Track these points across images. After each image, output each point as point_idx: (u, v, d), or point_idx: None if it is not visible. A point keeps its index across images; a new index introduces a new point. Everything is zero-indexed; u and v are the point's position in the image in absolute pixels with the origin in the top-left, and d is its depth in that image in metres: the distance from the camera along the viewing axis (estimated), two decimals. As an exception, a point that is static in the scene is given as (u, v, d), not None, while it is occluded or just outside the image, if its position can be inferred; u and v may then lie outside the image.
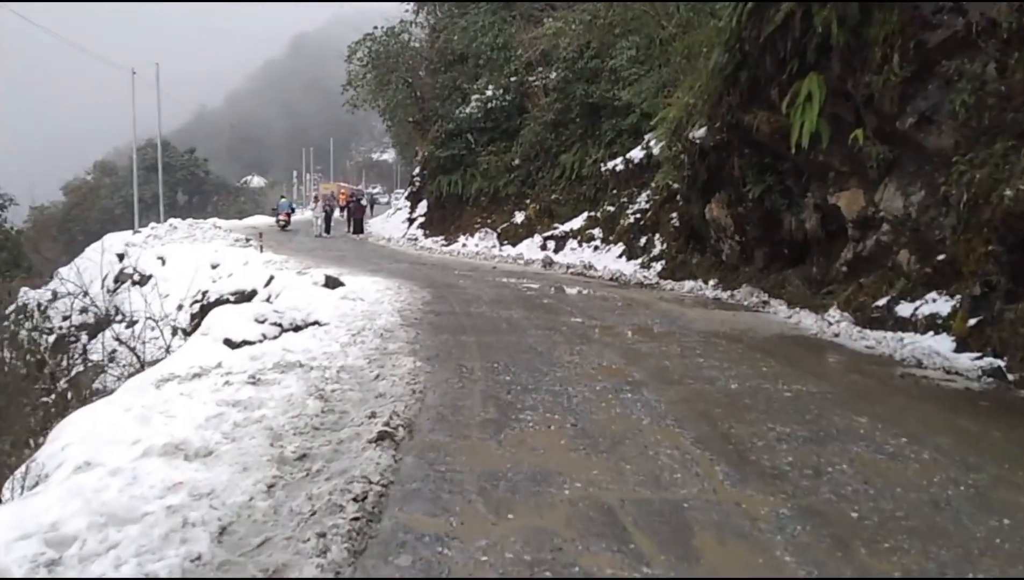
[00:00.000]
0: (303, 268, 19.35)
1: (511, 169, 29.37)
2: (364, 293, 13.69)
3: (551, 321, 11.66)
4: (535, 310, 12.91)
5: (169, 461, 4.96)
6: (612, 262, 21.90)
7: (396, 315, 11.47)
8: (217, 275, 22.08)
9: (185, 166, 62.22)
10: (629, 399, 6.99)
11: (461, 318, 11.73)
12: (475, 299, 14.14)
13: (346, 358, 8.21)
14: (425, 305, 12.98)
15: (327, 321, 10.38)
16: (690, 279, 17.70)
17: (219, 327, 9.80)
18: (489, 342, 9.69)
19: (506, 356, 8.79)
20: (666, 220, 20.96)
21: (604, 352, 9.25)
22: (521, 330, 10.73)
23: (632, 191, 24.00)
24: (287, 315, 10.31)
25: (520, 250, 25.82)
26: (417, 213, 35.80)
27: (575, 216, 25.84)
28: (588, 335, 10.51)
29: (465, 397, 6.93)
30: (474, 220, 30.01)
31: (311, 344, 8.91)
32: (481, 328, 10.81)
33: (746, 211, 15.89)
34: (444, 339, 9.78)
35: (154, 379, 7.55)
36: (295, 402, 6.41)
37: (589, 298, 14.97)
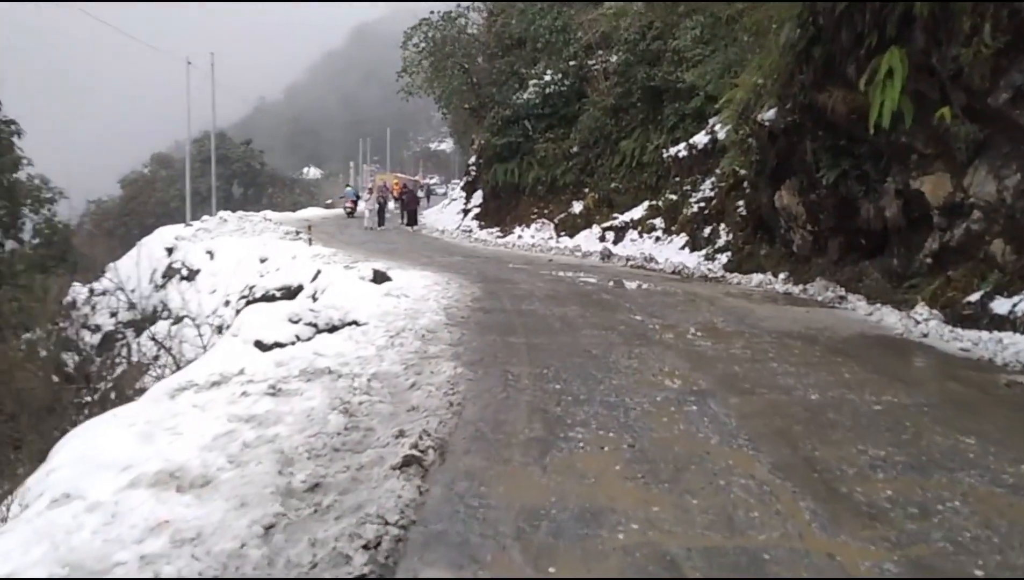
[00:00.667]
0: (351, 262, 18.85)
1: (569, 157, 28.57)
2: (410, 289, 13.07)
3: (608, 319, 10.89)
4: (591, 307, 12.15)
5: (159, 493, 4.34)
6: (674, 254, 21.03)
7: (441, 313, 10.81)
8: (265, 269, 21.78)
9: (241, 158, 62.37)
10: (694, 413, 6.20)
11: (511, 316, 11.02)
12: (527, 295, 13.42)
13: (380, 363, 7.56)
14: (473, 302, 12.30)
15: (366, 321, 9.76)
16: (758, 272, 16.76)
17: (250, 328, 9.26)
18: (539, 344, 8.97)
19: (557, 360, 8.06)
20: (732, 209, 20.02)
21: (666, 355, 8.46)
22: (575, 330, 9.99)
23: (696, 178, 23.09)
24: (323, 315, 9.72)
25: (578, 242, 25.04)
26: (472, 204, 35.18)
27: (635, 206, 24.99)
28: (648, 335, 9.73)
29: (508, 410, 6.22)
30: (530, 211, 29.28)
31: (345, 347, 8.29)
32: (532, 328, 10.09)
33: (819, 198, 14.91)
34: (490, 341, 9.08)
35: (171, 388, 7.00)
36: (316, 417, 5.77)
37: (650, 293, 14.16)
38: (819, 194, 14.82)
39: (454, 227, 33.90)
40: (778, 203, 16.46)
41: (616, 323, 10.59)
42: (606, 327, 10.22)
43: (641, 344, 9.09)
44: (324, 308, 10.05)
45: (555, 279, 16.46)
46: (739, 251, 18.87)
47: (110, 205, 61.50)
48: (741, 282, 16.30)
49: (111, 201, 61.92)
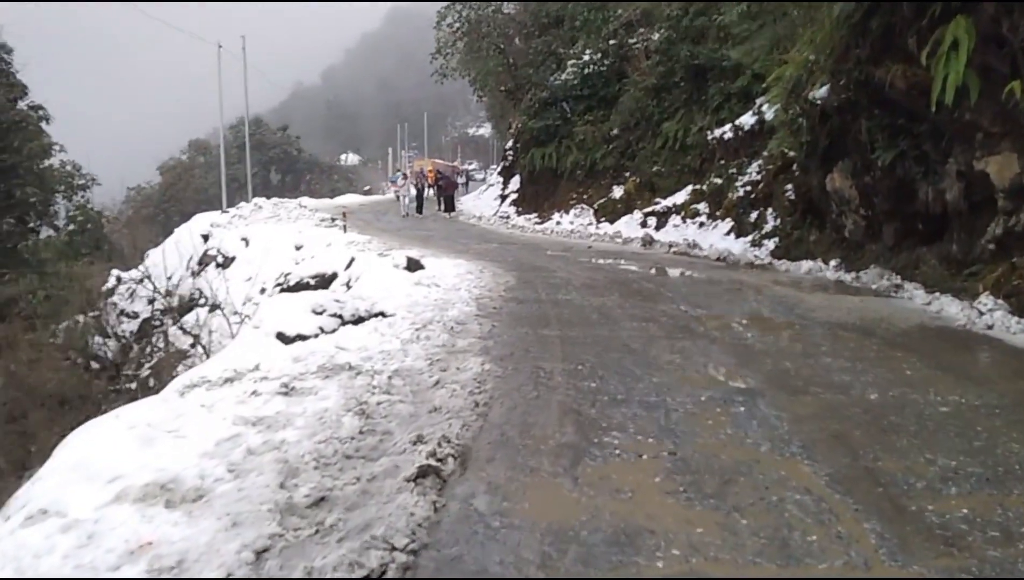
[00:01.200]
0: (385, 249, 18.56)
1: (609, 140, 27.94)
2: (442, 278, 12.71)
3: (649, 310, 10.41)
4: (631, 297, 11.67)
5: (146, 509, 3.99)
6: (719, 240, 20.39)
7: (472, 304, 10.42)
8: (300, 257, 21.56)
9: (278, 144, 62.30)
10: (742, 415, 5.73)
11: (546, 307, 10.58)
12: (564, 284, 12.97)
13: (404, 358, 7.17)
14: (507, 291, 11.89)
15: (393, 311, 9.39)
16: (808, 259, 16.13)
17: (272, 320, 8.92)
18: (575, 337, 8.53)
19: (593, 355, 7.62)
20: (780, 193, 19.34)
21: (711, 350, 7.98)
22: (614, 322, 9.53)
23: (742, 161, 22.36)
24: (349, 305, 9.35)
25: (618, 228, 24.46)
26: (509, 189, 34.70)
27: (678, 190, 24.28)
28: (692, 328, 9.24)
29: (538, 411, 5.80)
30: (569, 196, 28.69)
31: (369, 340, 7.92)
32: (567, 319, 9.65)
33: (874, 181, 14.25)
34: (522, 334, 8.65)
35: (183, 384, 6.67)
36: (329, 420, 5.39)
37: (693, 281, 13.64)
38: (874, 176, 14.16)
39: (491, 213, 33.46)
40: (829, 186, 15.81)
41: (657, 314, 10.11)
42: (647, 318, 9.74)
43: (684, 337, 8.61)
44: (350, 299, 9.70)
45: (594, 267, 15.98)
46: (787, 237, 18.22)
47: (150, 192, 61.87)
48: (789, 269, 15.69)
49: (150, 188, 62.56)
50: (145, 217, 53.60)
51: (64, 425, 11.76)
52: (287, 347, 8.12)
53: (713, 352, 7.86)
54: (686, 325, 9.37)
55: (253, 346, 8.43)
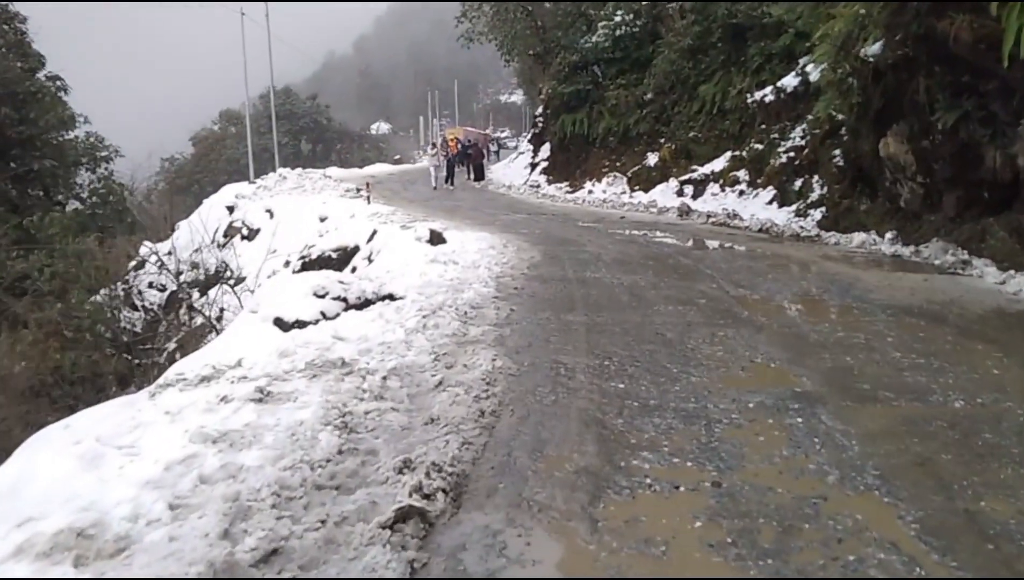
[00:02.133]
0: (409, 221, 17.73)
1: (643, 104, 26.71)
2: (462, 254, 11.81)
3: (687, 291, 9.42)
4: (667, 274, 10.68)
5: (45, 569, 3.12)
6: (760, 210, 19.23)
7: (491, 284, 9.49)
8: (324, 229, 20.81)
9: (308, 113, 61.32)
10: (800, 429, 4.77)
11: (572, 287, 9.62)
12: (593, 260, 11.99)
13: (406, 352, 6.27)
14: (531, 269, 10.94)
15: (403, 293, 8.49)
16: (859, 230, 14.98)
17: (270, 303, 8.05)
18: (602, 324, 7.58)
19: (623, 346, 6.68)
20: (827, 159, 18.15)
21: (757, 340, 6.99)
22: (647, 305, 8.55)
23: (784, 125, 21.12)
24: (354, 288, 8.46)
25: (653, 197, 23.33)
26: (539, 157, 33.51)
27: (716, 157, 23.02)
28: (735, 312, 8.25)
29: (555, 422, 4.87)
30: (601, 164, 27.54)
31: (370, 329, 7.04)
32: (595, 302, 8.69)
33: (933, 145, 13.08)
34: (543, 320, 7.72)
35: (158, 383, 5.83)
36: (303, 436, 4.50)
37: (735, 256, 12.60)
38: (934, 140, 12.99)
39: (521, 182, 32.35)
40: (883, 151, 14.64)
41: (696, 295, 9.12)
42: (684, 301, 8.76)
43: (727, 324, 7.63)
44: (356, 280, 8.81)
45: (626, 240, 14.97)
46: (835, 206, 17.05)
47: (182, 163, 61.33)
48: (840, 242, 14.57)
49: (183, 159, 61.89)
50: (178, 188, 53.12)
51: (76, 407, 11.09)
52: (283, 335, 7.25)
53: (760, 343, 6.87)
54: (728, 309, 8.38)
55: (246, 334, 7.57)
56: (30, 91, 20.87)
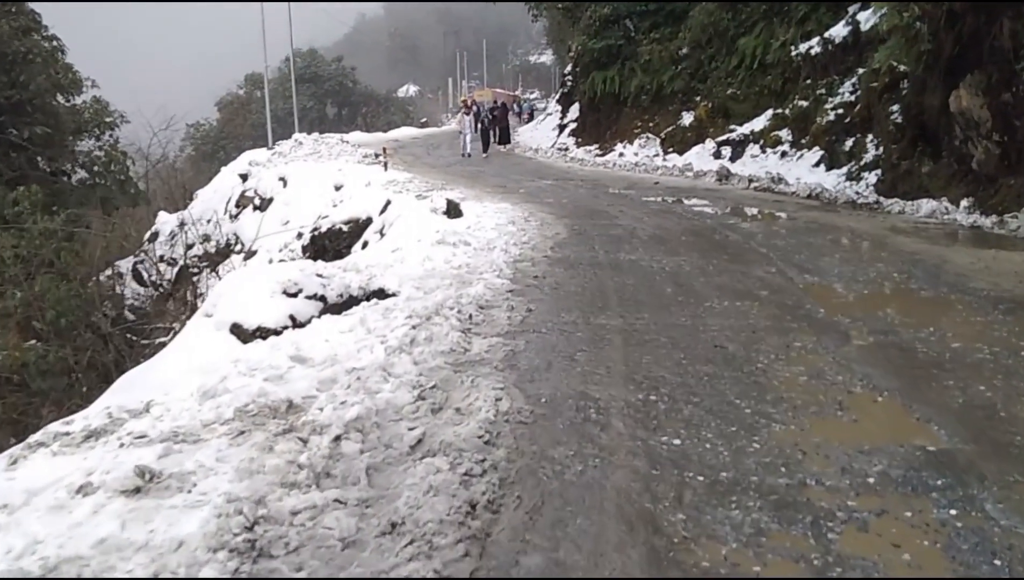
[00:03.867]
0: (427, 189, 16.08)
1: (677, 60, 24.62)
2: (477, 231, 10.11)
3: (741, 277, 7.63)
4: (714, 254, 8.88)
5: None
6: (807, 173, 17.29)
7: (506, 272, 7.75)
8: (339, 198, 19.18)
9: (333, 76, 58.77)
10: (961, 535, 3.00)
11: (603, 275, 7.84)
12: (627, 236, 10.20)
13: (382, 385, 4.52)
14: (555, 249, 9.18)
15: (397, 288, 6.77)
16: (922, 196, 13.06)
17: (229, 305, 6.38)
18: (643, 330, 5.81)
19: (673, 368, 4.92)
20: (883, 115, 16.14)
21: (847, 355, 5.20)
22: (696, 299, 6.76)
23: (832, 80, 19.13)
24: (336, 282, 6.75)
25: (688, 159, 21.41)
26: (568, 118, 31.45)
27: (756, 115, 21.15)
28: (807, 309, 6.45)
29: (582, 522, 3.14)
30: (633, 124, 25.61)
31: (344, 343, 5.31)
32: (632, 295, 6.92)
33: (1016, 98, 11.15)
34: (568, 325, 5.95)
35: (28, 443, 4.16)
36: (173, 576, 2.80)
37: (789, 230, 10.75)
38: (1017, 92, 11.05)
39: (549, 145, 30.35)
40: (954, 106, 12.67)
41: (753, 284, 7.33)
42: (741, 293, 6.97)
43: (801, 328, 5.84)
44: (340, 272, 7.06)
45: (663, 210, 13.14)
46: (893, 169, 15.08)
47: (208, 129, 58.98)
48: (905, 211, 12.65)
49: (208, 125, 59.26)
50: (204, 154, 51.54)
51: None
52: (237, 350, 5.59)
53: (853, 360, 5.08)
54: (798, 304, 6.59)
55: (193, 347, 5.94)
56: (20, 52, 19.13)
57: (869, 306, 6.60)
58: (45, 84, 18.57)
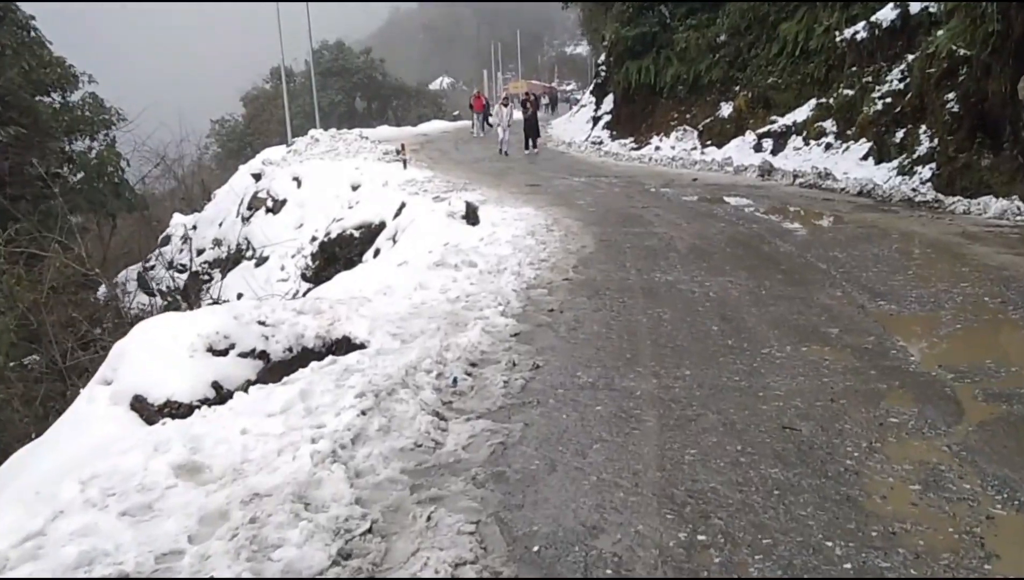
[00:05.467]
0: (446, 190, 14.73)
1: (715, 48, 22.95)
2: (490, 244, 8.68)
3: (803, 307, 6.08)
4: (765, 272, 7.33)
5: None
6: (854, 167, 15.67)
7: (515, 304, 6.26)
8: (356, 199, 17.84)
9: (362, 69, 56.69)
10: None
11: (634, 306, 6.32)
12: (664, 248, 8.67)
13: (286, 534, 2.92)
14: (578, 269, 7.68)
15: (367, 336, 5.29)
16: (986, 193, 11.46)
17: (133, 367, 4.94)
18: (684, 401, 4.27)
19: (726, 478, 3.38)
20: (938, 104, 14.41)
21: (970, 444, 3.64)
22: (750, 343, 5.22)
23: (879, 67, 17.47)
24: (284, 331, 5.24)
25: (727, 153, 19.78)
26: (602, 110, 29.69)
27: (799, 105, 19.55)
28: (893, 356, 4.89)
29: None
30: (669, 116, 24.01)
31: (260, 441, 3.71)
32: (669, 339, 5.39)
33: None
34: (585, 392, 4.43)
35: None
36: None
37: (847, 237, 9.14)
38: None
39: (582, 138, 28.66)
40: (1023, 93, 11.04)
41: (819, 316, 5.79)
42: (805, 331, 5.44)
43: (893, 390, 4.31)
44: (293, 315, 5.49)
45: (703, 212, 11.57)
46: (949, 162, 13.40)
47: (233, 124, 57.36)
48: (969, 210, 10.99)
49: (233, 120, 57.48)
50: (230, 151, 50.16)
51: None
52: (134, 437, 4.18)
53: (978, 452, 3.52)
54: (881, 348, 5.03)
55: (72, 435, 4.54)
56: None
57: (971, 348, 5.06)
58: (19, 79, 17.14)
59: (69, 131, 19.52)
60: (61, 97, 20.18)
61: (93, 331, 11.01)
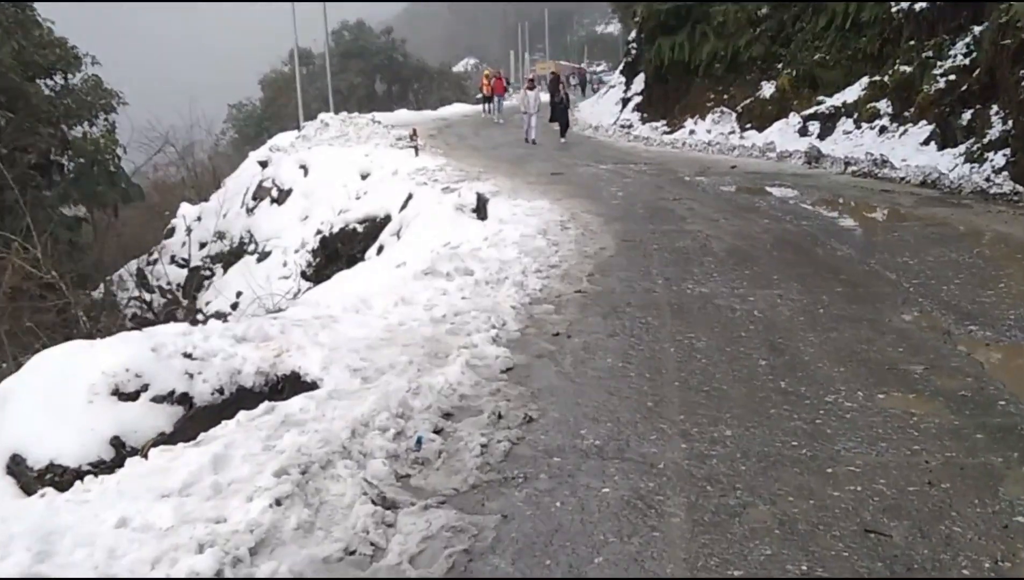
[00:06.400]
0: (457, 180, 13.84)
1: (756, 21, 21.91)
2: (495, 245, 7.69)
3: (871, 333, 4.98)
4: (821, 284, 6.23)
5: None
6: (914, 153, 14.56)
7: (512, 325, 5.22)
8: (365, 188, 16.96)
9: (382, 50, 55.03)
10: None
11: (659, 329, 5.23)
12: (698, 250, 7.58)
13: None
14: (594, 278, 6.62)
15: (320, 372, 4.27)
16: (1075, 183, 10.28)
17: (16, 417, 3.91)
18: (725, 482, 3.20)
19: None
20: (1012, 81, 13.29)
21: None
22: (810, 388, 4.13)
23: (941, 40, 16.38)
24: (214, 367, 4.19)
25: (770, 137, 18.68)
26: (632, 91, 28.57)
27: (849, 84, 18.52)
28: (1002, 409, 3.81)
29: None
30: (705, 97, 22.94)
31: (134, 542, 2.79)
32: (703, 380, 4.31)
33: None
34: (590, 461, 3.37)
35: None
36: None
37: (917, 238, 7.97)
38: None
39: (610, 122, 27.52)
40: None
41: (895, 347, 4.70)
42: (879, 369, 4.34)
43: (1014, 470, 3.25)
44: (230, 344, 4.44)
45: (744, 206, 10.46)
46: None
47: (251, 109, 56.92)
48: (1058, 204, 9.85)
49: (251, 104, 57.13)
50: (246, 137, 49.47)
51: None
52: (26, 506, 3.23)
53: None
54: (984, 398, 3.94)
55: None
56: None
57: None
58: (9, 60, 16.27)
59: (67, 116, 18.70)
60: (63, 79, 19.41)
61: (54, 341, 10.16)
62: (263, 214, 19.90)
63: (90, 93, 19.54)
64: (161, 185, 34.85)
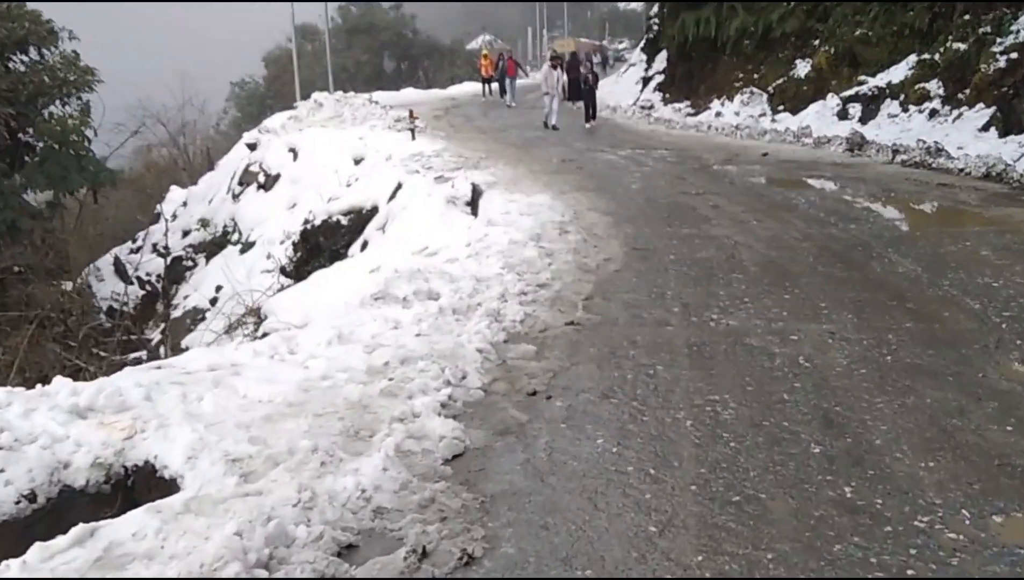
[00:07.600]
0: (456, 166, 12.88)
1: (790, -6, 20.94)
2: (475, 254, 6.48)
3: (963, 391, 3.75)
4: (886, 312, 4.99)
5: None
6: (971, 140, 13.42)
7: (474, 379, 3.99)
8: (357, 175, 16.03)
9: (391, 26, 53.33)
10: None
11: (671, 384, 3.98)
12: (725, 264, 6.33)
13: None
14: (591, 302, 5.37)
15: (181, 466, 3.06)
16: None
17: None
18: None
19: None
20: (1086, 60, 12.19)
21: None
22: (891, 489, 2.91)
23: (1001, 14, 15.28)
24: (28, 458, 2.99)
25: (804, 121, 17.53)
26: (653, 70, 27.37)
27: (895, 62, 17.45)
28: None
29: None
30: (733, 76, 21.92)
31: None
32: (734, 469, 3.06)
33: None
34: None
35: None
36: None
37: (995, 249, 6.72)
38: None
39: (630, 102, 26.31)
40: None
41: (1000, 423, 3.47)
42: (985, 462, 3.12)
43: None
44: (58, 421, 3.28)
45: (779, 203, 9.19)
46: (1107, 135, 11.16)
47: (254, 87, 56.26)
48: None
49: (254, 82, 56.33)
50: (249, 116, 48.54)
51: None
52: None
53: None
54: None
55: None
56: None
57: None
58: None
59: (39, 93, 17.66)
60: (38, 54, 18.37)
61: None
62: (248, 201, 18.94)
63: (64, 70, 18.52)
64: (154, 166, 34.04)
